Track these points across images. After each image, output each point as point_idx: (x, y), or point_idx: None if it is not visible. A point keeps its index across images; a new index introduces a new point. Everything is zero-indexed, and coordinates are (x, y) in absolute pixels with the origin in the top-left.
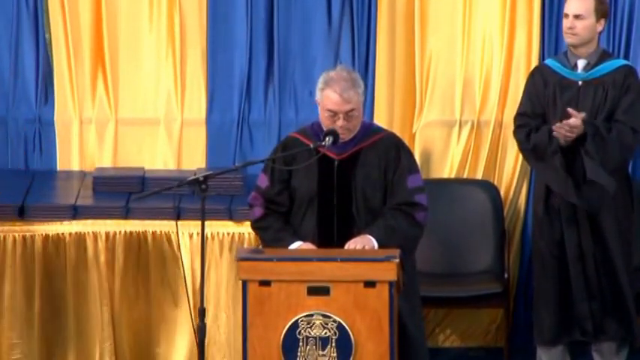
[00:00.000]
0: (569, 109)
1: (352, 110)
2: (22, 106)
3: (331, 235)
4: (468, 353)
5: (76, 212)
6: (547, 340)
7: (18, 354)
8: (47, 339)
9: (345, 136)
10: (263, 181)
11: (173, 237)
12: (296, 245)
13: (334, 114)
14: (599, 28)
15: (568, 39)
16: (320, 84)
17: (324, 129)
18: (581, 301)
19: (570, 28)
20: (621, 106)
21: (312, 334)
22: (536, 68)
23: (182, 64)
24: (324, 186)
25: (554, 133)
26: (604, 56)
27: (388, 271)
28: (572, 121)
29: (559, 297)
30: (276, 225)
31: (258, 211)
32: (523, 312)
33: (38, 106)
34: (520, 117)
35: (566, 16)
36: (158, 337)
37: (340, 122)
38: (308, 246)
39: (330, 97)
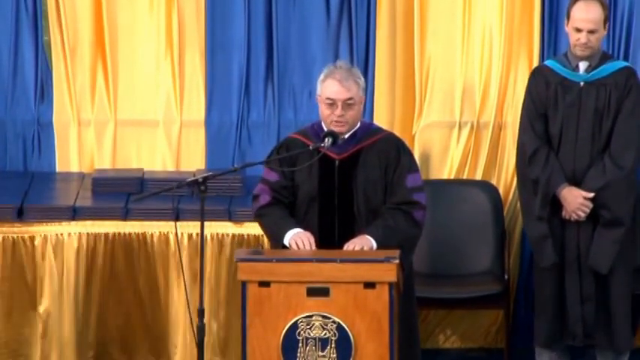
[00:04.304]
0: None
1: (351, 99)
2: (21, 107)
3: (332, 235)
4: (468, 354)
5: (75, 213)
6: (542, 342)
7: (16, 355)
8: (46, 340)
9: (342, 129)
10: (272, 176)
11: (172, 238)
12: (294, 232)
13: (333, 102)
14: (605, 33)
15: (581, 52)
16: (321, 76)
17: (324, 127)
18: (573, 304)
19: (585, 43)
20: (624, 110)
21: (312, 335)
22: (537, 69)
23: (181, 65)
24: (325, 186)
25: (571, 217)
26: (605, 58)
27: (388, 272)
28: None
29: (557, 299)
30: (279, 212)
31: (264, 199)
32: (523, 313)
33: (37, 108)
34: (529, 136)
35: (579, 30)
36: (157, 338)
37: (338, 111)
38: (307, 235)
39: (329, 85)
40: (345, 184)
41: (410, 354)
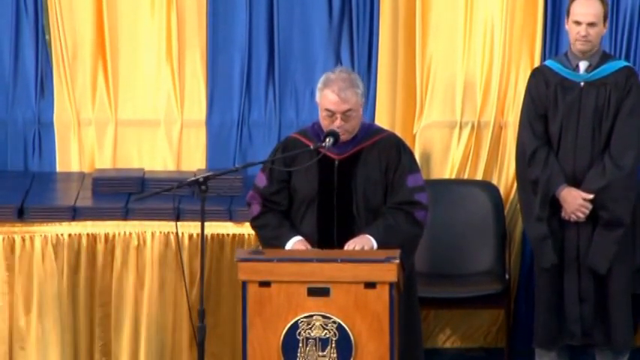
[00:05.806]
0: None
1: (349, 110)
2: (22, 107)
3: (331, 236)
4: (468, 354)
5: (75, 213)
6: (542, 342)
7: (16, 356)
8: (45, 340)
9: (343, 137)
10: (261, 181)
11: (173, 238)
12: (294, 240)
13: (332, 114)
14: (605, 30)
15: (581, 46)
16: (319, 84)
17: (324, 129)
18: (572, 304)
19: (585, 36)
20: (623, 110)
21: (312, 335)
22: (537, 69)
23: (182, 64)
24: (325, 186)
25: (571, 217)
26: (605, 57)
27: (388, 272)
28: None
29: (556, 300)
30: (273, 222)
31: (255, 209)
32: (524, 313)
33: (38, 107)
34: (529, 136)
35: (579, 23)
36: (157, 339)
37: (338, 122)
38: (302, 244)
39: (328, 96)
40: (344, 184)
41: (412, 356)
